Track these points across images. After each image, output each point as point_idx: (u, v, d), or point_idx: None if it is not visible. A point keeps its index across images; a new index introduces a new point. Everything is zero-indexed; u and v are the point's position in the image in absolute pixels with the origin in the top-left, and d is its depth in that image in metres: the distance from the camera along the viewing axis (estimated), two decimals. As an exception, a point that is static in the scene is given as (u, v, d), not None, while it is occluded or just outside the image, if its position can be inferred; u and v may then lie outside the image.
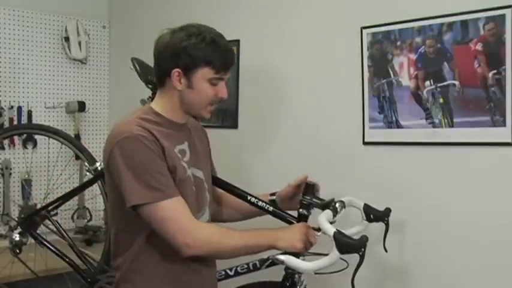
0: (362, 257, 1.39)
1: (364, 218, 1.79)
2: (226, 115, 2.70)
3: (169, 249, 1.51)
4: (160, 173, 1.49)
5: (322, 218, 1.51)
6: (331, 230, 1.44)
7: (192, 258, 1.53)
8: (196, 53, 1.54)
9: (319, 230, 1.56)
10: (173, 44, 1.56)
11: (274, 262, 1.59)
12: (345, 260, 1.51)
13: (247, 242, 1.54)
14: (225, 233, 1.55)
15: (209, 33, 1.57)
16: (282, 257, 1.53)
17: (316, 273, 1.53)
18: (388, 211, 1.78)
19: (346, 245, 1.40)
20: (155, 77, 1.66)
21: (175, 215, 1.48)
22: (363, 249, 1.39)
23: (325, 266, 1.47)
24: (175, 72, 1.57)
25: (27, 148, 3.18)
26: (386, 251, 1.79)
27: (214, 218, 1.81)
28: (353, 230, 1.74)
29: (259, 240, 1.55)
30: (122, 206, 1.50)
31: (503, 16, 1.75)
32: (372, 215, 1.78)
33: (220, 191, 1.91)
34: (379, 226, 1.79)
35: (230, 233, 1.55)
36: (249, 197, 1.88)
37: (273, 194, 1.87)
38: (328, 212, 1.60)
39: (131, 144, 1.49)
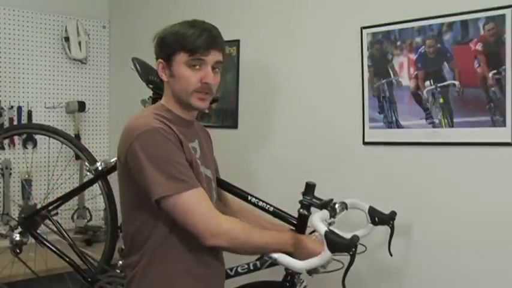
0: (353, 257, 1.39)
1: (369, 221, 1.79)
2: (226, 115, 2.70)
3: (185, 241, 1.52)
4: (181, 164, 1.50)
5: (315, 217, 1.51)
6: (322, 229, 1.44)
7: (205, 251, 1.54)
8: (171, 39, 1.56)
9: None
10: (157, 38, 1.61)
11: (273, 262, 1.59)
12: (341, 262, 1.50)
13: (269, 242, 1.54)
14: (248, 228, 1.55)
15: (191, 21, 1.59)
16: (275, 255, 1.53)
17: (308, 272, 1.53)
18: (393, 214, 1.78)
19: (336, 244, 1.40)
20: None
21: (198, 205, 1.49)
22: (353, 249, 1.39)
23: (317, 265, 1.47)
24: (159, 64, 1.60)
25: (27, 148, 3.18)
26: (391, 255, 1.79)
27: None
28: (357, 233, 1.73)
29: (282, 245, 1.54)
30: (142, 200, 1.51)
31: (503, 16, 1.75)
32: (377, 218, 1.77)
33: (233, 200, 1.92)
34: (383, 229, 1.79)
35: (253, 229, 1.56)
36: (249, 197, 1.88)
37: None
38: (324, 212, 1.60)
39: (152, 136, 1.49)
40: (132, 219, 1.62)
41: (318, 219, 1.50)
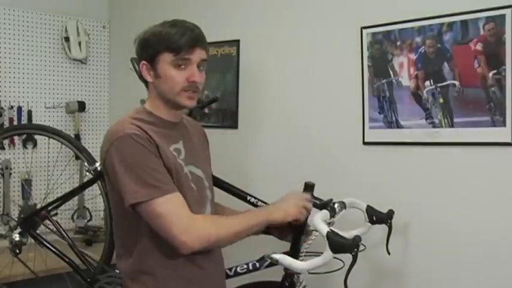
0: (355, 257, 1.39)
1: (367, 219, 1.79)
2: (226, 115, 2.70)
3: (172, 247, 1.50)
4: (155, 170, 1.48)
5: (317, 218, 1.51)
6: (324, 229, 1.44)
7: (197, 255, 1.53)
8: (153, 40, 1.56)
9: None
10: (138, 39, 1.61)
11: (273, 262, 1.58)
12: (342, 260, 1.51)
13: (245, 225, 1.55)
14: (221, 222, 1.55)
15: (171, 21, 1.58)
16: (276, 256, 1.53)
17: (310, 273, 1.53)
18: (391, 213, 1.78)
19: (338, 244, 1.40)
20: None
21: (172, 211, 1.47)
22: (355, 250, 1.39)
23: (319, 266, 1.47)
24: (143, 65, 1.59)
25: (27, 148, 3.18)
26: (389, 254, 1.79)
27: None
28: (355, 232, 1.74)
29: (255, 219, 1.57)
30: (122, 206, 1.50)
31: (503, 16, 1.75)
32: (375, 216, 1.78)
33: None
34: (381, 228, 1.79)
35: (226, 220, 1.56)
36: (248, 197, 1.89)
37: None
38: (324, 212, 1.60)
39: (125, 143, 1.48)
40: (118, 223, 1.62)
41: (319, 220, 1.49)
